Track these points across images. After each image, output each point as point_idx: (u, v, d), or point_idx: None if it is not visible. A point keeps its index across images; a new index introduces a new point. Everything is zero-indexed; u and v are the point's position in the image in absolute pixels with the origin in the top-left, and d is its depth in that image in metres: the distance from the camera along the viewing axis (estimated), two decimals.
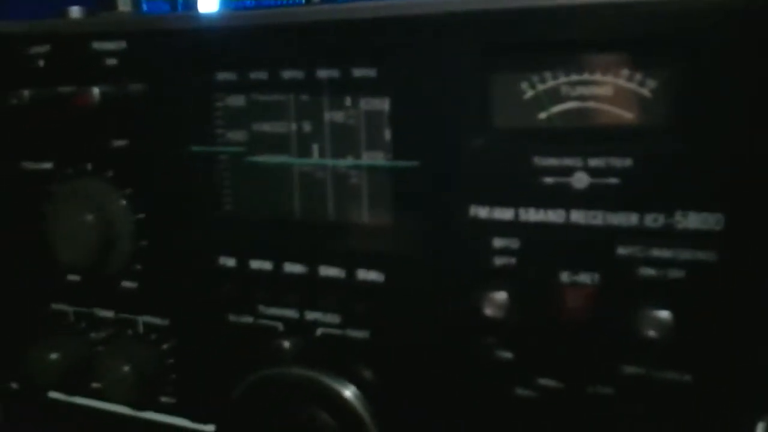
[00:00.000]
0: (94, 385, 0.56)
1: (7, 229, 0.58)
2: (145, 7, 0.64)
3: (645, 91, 0.37)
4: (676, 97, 0.36)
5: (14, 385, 0.62)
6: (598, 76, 0.38)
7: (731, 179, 0.35)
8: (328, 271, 0.46)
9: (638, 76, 0.37)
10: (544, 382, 0.41)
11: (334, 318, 0.46)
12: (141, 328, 0.55)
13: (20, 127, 0.55)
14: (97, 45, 0.50)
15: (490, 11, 0.39)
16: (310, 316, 0.47)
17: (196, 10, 0.76)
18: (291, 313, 0.48)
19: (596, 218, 0.38)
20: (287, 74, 0.45)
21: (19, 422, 0.64)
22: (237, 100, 0.47)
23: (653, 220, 0.37)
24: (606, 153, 0.37)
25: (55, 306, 0.58)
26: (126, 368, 0.52)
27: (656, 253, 0.37)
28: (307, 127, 0.45)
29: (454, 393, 0.44)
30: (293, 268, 0.47)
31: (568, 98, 0.38)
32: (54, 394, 0.60)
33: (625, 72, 0.37)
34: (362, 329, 0.46)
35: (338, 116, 0.44)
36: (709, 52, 0.34)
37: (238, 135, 0.48)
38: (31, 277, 0.58)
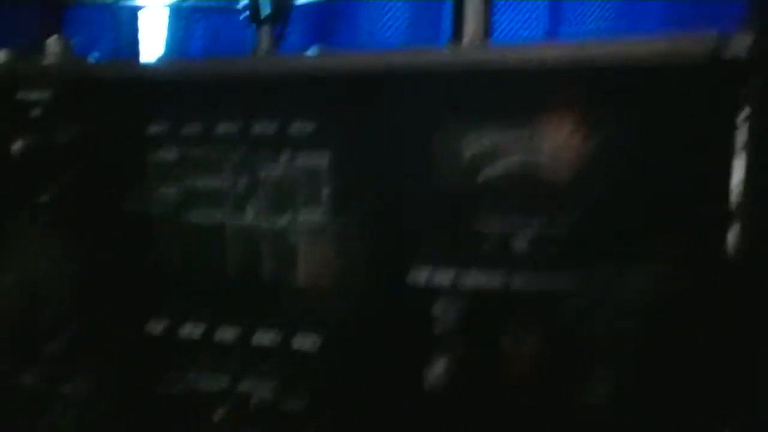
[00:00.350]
0: None
1: None
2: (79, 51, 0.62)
3: (583, 152, 0.35)
4: (612, 158, 0.35)
5: None
6: (537, 136, 0.36)
7: (668, 239, 0.33)
8: (262, 337, 0.43)
9: (578, 137, 0.35)
10: None
11: (268, 388, 0.43)
12: (66, 396, 0.50)
13: None
14: (22, 94, 0.47)
15: (431, 70, 0.37)
16: (244, 385, 0.44)
17: (138, 55, 0.74)
18: (223, 383, 0.44)
19: (538, 281, 0.36)
20: (222, 128, 0.43)
21: None
22: (169, 154, 0.45)
23: (594, 281, 0.35)
24: (545, 214, 0.35)
25: None
26: None
27: (599, 314, 0.35)
28: (242, 183, 0.43)
29: None
30: (225, 334, 0.44)
31: (508, 157, 0.37)
32: None
33: (565, 132, 0.36)
34: (299, 399, 0.42)
35: (275, 172, 0.42)
36: (637, 114, 0.34)
37: (170, 191, 0.45)
38: None
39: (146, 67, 0.47)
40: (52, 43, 0.52)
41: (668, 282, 0.34)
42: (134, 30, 0.98)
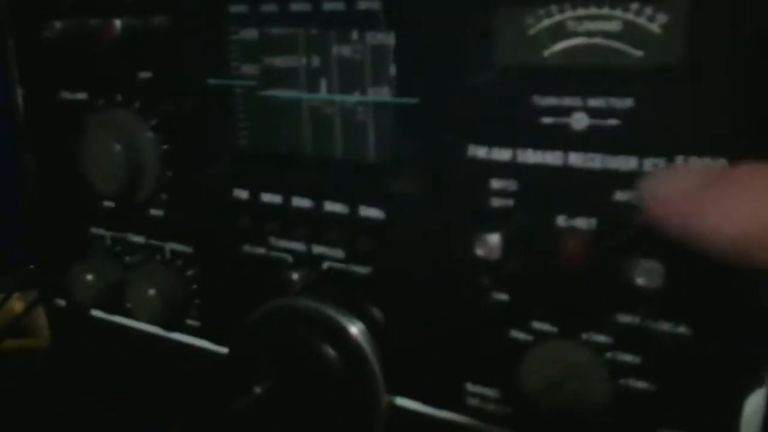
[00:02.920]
0: (127, 305, 0.59)
1: (47, 156, 0.61)
2: None
3: (654, 28, 0.35)
4: (685, 35, 0.34)
5: (61, 302, 0.66)
6: (605, 11, 0.35)
7: (735, 124, 0.33)
8: (332, 206, 0.46)
9: (648, 11, 0.34)
10: (538, 325, 0.41)
11: (338, 253, 0.47)
12: (168, 255, 0.57)
13: (56, 58, 0.57)
14: None
15: None
16: (317, 249, 0.48)
17: None
18: (299, 246, 0.48)
19: (594, 161, 0.36)
20: (296, 7, 0.44)
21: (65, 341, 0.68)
22: (250, 33, 0.47)
23: (653, 165, 0.35)
24: (606, 93, 0.35)
25: (93, 230, 0.61)
26: (152, 291, 0.55)
27: None
28: (315, 61, 0.45)
29: (452, 332, 0.44)
30: (301, 202, 0.47)
31: (573, 34, 0.36)
32: (96, 313, 0.64)
33: (635, 6, 0.35)
34: (365, 265, 0.46)
35: (345, 51, 0.44)
36: None
37: (251, 69, 0.48)
38: (71, 202, 0.61)
39: None
40: None
41: None
42: None
